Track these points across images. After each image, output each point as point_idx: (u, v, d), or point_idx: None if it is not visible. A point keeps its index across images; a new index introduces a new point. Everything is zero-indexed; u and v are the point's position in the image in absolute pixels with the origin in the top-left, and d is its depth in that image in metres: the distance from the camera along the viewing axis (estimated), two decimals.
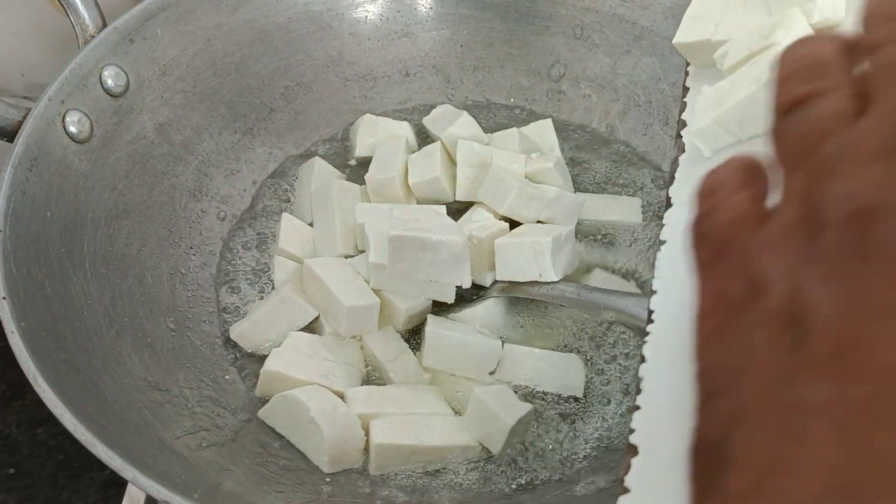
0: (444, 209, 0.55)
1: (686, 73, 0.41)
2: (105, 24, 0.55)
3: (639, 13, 0.65)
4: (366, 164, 0.60)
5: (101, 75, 0.54)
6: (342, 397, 0.49)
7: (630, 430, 0.29)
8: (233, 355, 0.53)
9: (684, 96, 0.40)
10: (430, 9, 0.68)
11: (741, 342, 0.18)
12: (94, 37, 0.54)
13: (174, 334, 0.52)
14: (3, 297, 0.42)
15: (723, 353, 0.19)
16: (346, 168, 0.63)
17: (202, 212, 0.59)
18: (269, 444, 0.49)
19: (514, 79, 0.69)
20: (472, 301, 0.54)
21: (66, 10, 0.55)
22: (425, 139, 0.64)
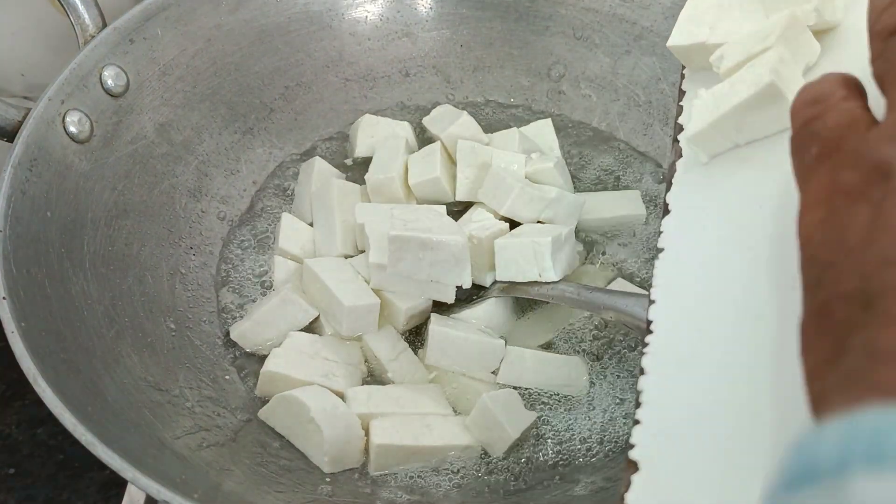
0: (444, 209, 0.55)
1: (682, 76, 0.41)
2: (105, 24, 0.55)
3: (639, 13, 0.65)
4: (366, 163, 0.60)
5: (101, 75, 0.54)
6: (342, 397, 0.49)
7: (630, 445, 0.28)
8: (233, 355, 0.53)
9: (680, 100, 0.39)
10: (430, 9, 0.68)
11: (866, 216, 0.19)
12: (94, 37, 0.54)
13: (174, 334, 0.52)
14: (3, 297, 0.42)
15: (841, 231, 0.20)
16: (347, 168, 0.63)
17: (202, 212, 0.59)
18: (269, 444, 0.49)
19: (514, 79, 0.69)
20: (473, 301, 0.54)
21: (66, 10, 0.55)
22: (425, 139, 0.64)
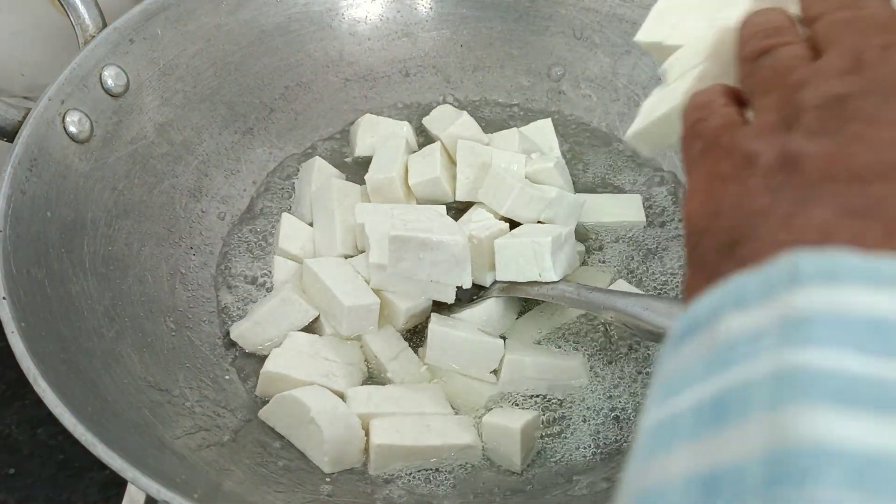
0: (444, 209, 0.55)
1: None
2: (105, 24, 0.55)
3: (639, 13, 0.65)
4: (366, 163, 0.60)
5: (101, 75, 0.54)
6: (342, 397, 0.49)
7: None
8: (233, 355, 0.53)
9: None
10: (430, 9, 0.68)
11: (736, 191, 0.22)
12: (94, 37, 0.54)
13: (174, 334, 0.52)
14: (3, 297, 0.42)
15: (716, 205, 0.22)
16: (346, 167, 0.63)
17: (202, 212, 0.59)
18: (270, 444, 0.49)
19: (514, 79, 0.69)
20: (472, 301, 0.54)
21: (66, 10, 0.55)
22: (425, 139, 0.64)
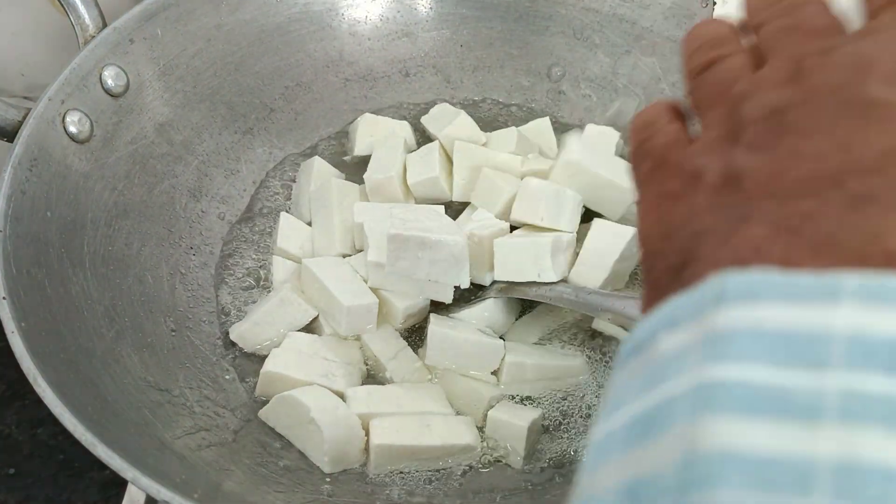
0: (442, 208, 0.55)
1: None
2: (105, 24, 0.55)
3: (639, 13, 0.65)
4: (364, 163, 0.60)
5: (101, 75, 0.54)
6: (342, 397, 0.49)
7: None
8: (233, 355, 0.53)
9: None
10: (430, 9, 0.68)
11: (685, 210, 0.22)
12: (94, 37, 0.54)
13: (174, 334, 0.52)
14: (3, 297, 0.42)
15: (667, 226, 0.23)
16: (345, 167, 0.63)
17: (202, 212, 0.59)
18: (270, 444, 0.49)
19: (514, 79, 0.69)
20: (471, 301, 0.54)
21: (66, 10, 0.55)
22: (424, 138, 0.64)
